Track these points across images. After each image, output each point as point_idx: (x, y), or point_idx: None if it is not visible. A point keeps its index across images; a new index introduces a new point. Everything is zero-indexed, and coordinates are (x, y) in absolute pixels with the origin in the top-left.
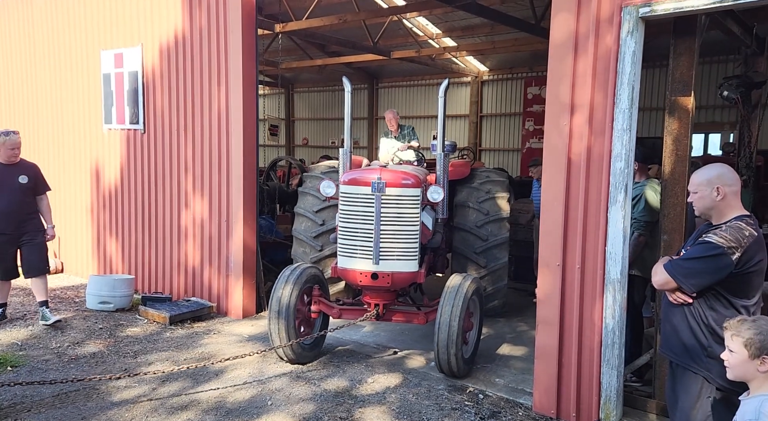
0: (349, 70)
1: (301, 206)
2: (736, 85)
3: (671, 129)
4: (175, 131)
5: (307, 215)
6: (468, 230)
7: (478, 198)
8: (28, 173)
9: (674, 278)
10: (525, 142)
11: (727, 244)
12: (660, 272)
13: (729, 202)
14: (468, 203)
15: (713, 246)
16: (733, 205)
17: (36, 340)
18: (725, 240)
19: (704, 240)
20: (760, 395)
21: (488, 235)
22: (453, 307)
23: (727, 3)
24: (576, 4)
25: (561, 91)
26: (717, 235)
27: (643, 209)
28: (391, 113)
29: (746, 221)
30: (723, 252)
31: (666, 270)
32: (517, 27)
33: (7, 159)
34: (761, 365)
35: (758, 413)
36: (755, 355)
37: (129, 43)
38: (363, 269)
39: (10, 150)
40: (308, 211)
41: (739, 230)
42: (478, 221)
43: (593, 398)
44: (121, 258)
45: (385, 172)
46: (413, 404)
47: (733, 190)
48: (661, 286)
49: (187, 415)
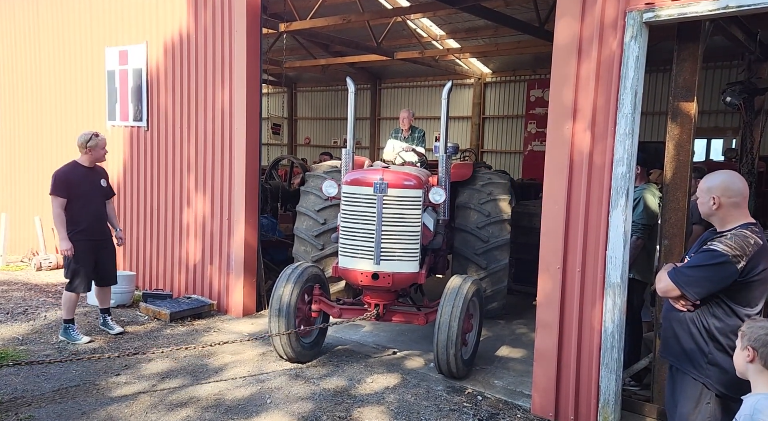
0: (353, 71)
1: (303, 205)
2: (739, 91)
3: (673, 134)
4: (178, 129)
5: (309, 214)
6: (469, 230)
7: (480, 199)
8: (104, 177)
9: (678, 286)
10: (527, 145)
11: (732, 252)
12: (664, 279)
13: (728, 211)
14: (469, 204)
15: (718, 254)
16: (735, 214)
17: (37, 335)
18: (730, 248)
19: (709, 248)
20: (759, 394)
21: (489, 236)
22: (453, 308)
23: (731, 9)
24: (580, 8)
25: (564, 94)
26: (722, 243)
27: (642, 213)
28: (406, 112)
29: (751, 229)
30: (728, 260)
31: (670, 278)
32: (521, 29)
33: (96, 160)
34: (747, 356)
35: (753, 409)
36: (743, 345)
37: (134, 40)
38: (364, 269)
39: (102, 150)
40: (310, 210)
41: (744, 239)
42: (479, 222)
43: (592, 402)
44: (123, 254)
45: (388, 173)
46: (412, 404)
47: (732, 201)
48: (664, 293)
49: (187, 412)
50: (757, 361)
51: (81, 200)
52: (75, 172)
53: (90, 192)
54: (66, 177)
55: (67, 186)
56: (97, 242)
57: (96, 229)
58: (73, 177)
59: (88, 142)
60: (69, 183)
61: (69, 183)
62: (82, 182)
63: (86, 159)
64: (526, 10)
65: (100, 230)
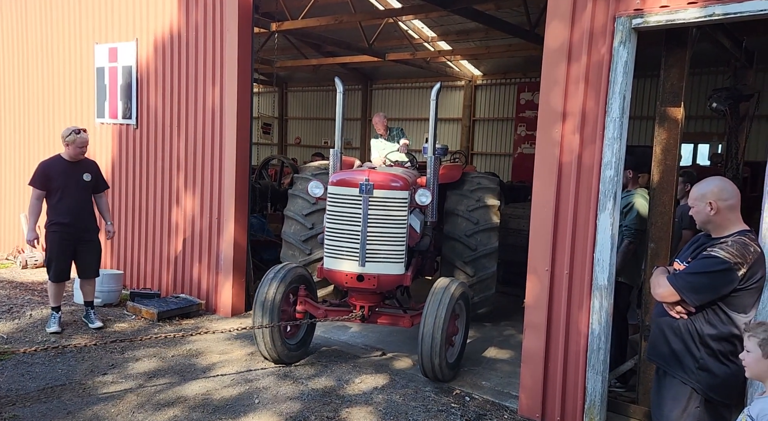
0: (344, 71)
1: (291, 209)
2: (725, 97)
3: (660, 139)
4: (168, 127)
5: (297, 219)
6: (457, 238)
7: (468, 206)
8: (91, 171)
9: (679, 292)
10: (517, 147)
11: (733, 259)
12: (664, 284)
13: (725, 216)
14: (458, 211)
15: (720, 261)
16: (731, 219)
17: (22, 333)
18: (732, 255)
19: (710, 254)
20: None
21: (477, 244)
22: (438, 312)
23: (716, 17)
24: (570, 13)
25: (553, 98)
26: (723, 250)
27: (635, 218)
28: (378, 117)
29: (749, 236)
30: (730, 267)
31: (670, 283)
32: (512, 33)
33: (75, 156)
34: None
35: None
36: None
37: (124, 37)
38: (348, 270)
39: (79, 148)
40: (297, 214)
41: (744, 246)
42: (467, 230)
43: (578, 403)
44: (110, 253)
45: (374, 173)
46: (400, 405)
47: (728, 204)
48: (663, 298)
49: (174, 411)
50: None
51: (59, 193)
52: (56, 165)
53: (69, 186)
54: (45, 170)
55: (45, 178)
56: (76, 235)
57: (75, 222)
58: (53, 170)
59: (68, 136)
60: (48, 176)
61: (48, 176)
62: (61, 175)
63: (67, 153)
64: (517, 14)
65: (80, 223)
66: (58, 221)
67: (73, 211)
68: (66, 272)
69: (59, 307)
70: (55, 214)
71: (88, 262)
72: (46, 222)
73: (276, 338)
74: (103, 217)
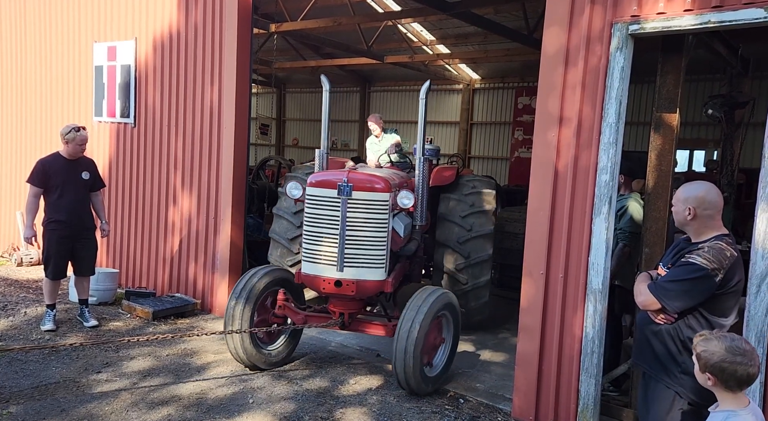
0: (342, 73)
1: (280, 207)
2: (721, 104)
3: (656, 144)
4: (166, 126)
5: (286, 216)
6: (449, 245)
7: (462, 211)
8: (89, 169)
9: (659, 300)
10: (514, 151)
11: (710, 266)
12: (645, 293)
13: (703, 222)
14: (451, 217)
15: (697, 268)
16: (709, 225)
17: (16, 331)
18: (708, 262)
19: (688, 261)
20: (727, 411)
21: (470, 252)
22: (412, 326)
23: (712, 24)
24: (568, 18)
25: (550, 102)
26: (700, 256)
27: (629, 221)
28: (373, 118)
29: (726, 241)
30: (707, 274)
31: (651, 291)
32: (510, 37)
33: (74, 154)
34: (708, 380)
35: None
36: (702, 369)
37: (123, 36)
38: (326, 275)
39: (78, 146)
40: (286, 212)
41: (720, 251)
42: (460, 237)
43: (571, 406)
44: (106, 251)
45: (353, 174)
46: (394, 406)
47: (707, 213)
48: (645, 307)
49: (168, 410)
50: (719, 385)
51: (58, 191)
52: (54, 163)
53: (68, 183)
54: (43, 167)
55: (43, 176)
56: (74, 233)
57: (73, 220)
58: (51, 168)
59: (67, 134)
60: (46, 173)
61: (46, 173)
62: (60, 173)
63: (66, 151)
64: (516, 18)
65: (77, 221)
66: (57, 218)
67: (71, 209)
68: (63, 270)
69: (54, 304)
70: (54, 211)
71: (85, 260)
72: (44, 220)
73: (247, 344)
74: (98, 215)
